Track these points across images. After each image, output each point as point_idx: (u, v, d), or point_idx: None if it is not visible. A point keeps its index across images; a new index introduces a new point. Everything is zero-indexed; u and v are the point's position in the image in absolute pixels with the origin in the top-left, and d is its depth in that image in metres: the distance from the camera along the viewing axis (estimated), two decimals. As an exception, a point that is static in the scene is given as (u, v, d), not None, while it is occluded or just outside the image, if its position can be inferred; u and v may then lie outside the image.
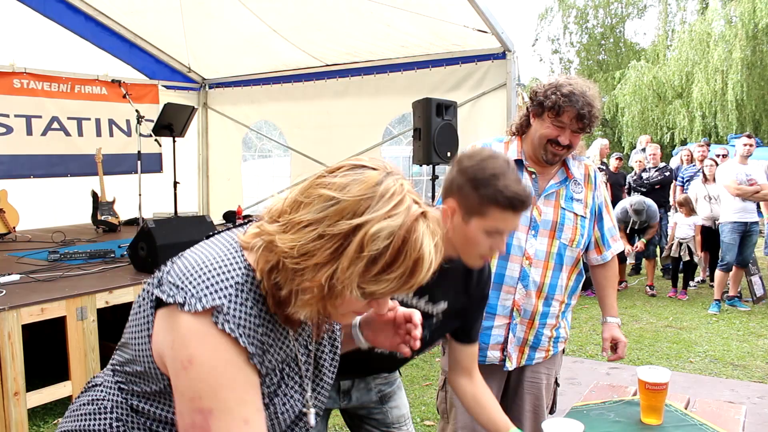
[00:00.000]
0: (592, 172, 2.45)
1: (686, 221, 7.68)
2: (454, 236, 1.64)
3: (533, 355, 2.38)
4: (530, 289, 2.29)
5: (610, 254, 2.50)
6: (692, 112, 16.80)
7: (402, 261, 0.99)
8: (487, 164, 1.60)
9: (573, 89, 2.18)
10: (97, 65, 7.27)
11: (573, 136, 2.23)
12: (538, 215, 2.30)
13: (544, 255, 2.30)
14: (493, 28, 5.98)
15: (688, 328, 6.18)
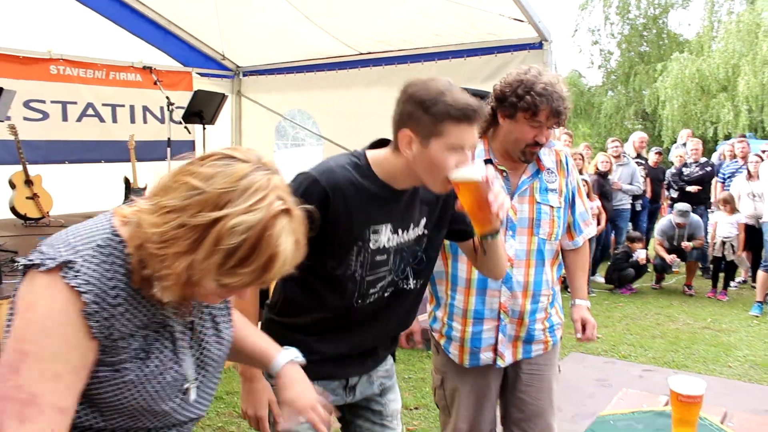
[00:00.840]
0: (563, 157, 2.37)
1: (728, 219, 7.42)
2: (417, 166, 1.64)
3: (530, 348, 2.36)
4: (515, 290, 2.25)
5: (581, 239, 2.47)
6: (738, 106, 16.27)
7: (256, 256, 1.02)
8: (431, 85, 1.59)
9: (545, 86, 2.08)
10: (132, 52, 7.31)
11: (548, 131, 2.16)
12: (514, 214, 2.23)
13: (524, 254, 2.25)
14: (530, 17, 5.82)
15: (728, 330, 5.96)
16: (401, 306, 1.85)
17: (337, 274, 1.71)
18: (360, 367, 1.89)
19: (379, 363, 1.96)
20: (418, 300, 1.93)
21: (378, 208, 1.70)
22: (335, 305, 1.75)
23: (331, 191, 1.63)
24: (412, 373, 4.53)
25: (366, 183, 1.68)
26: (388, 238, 1.73)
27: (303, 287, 1.79)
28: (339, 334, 1.80)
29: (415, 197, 1.78)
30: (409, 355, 4.88)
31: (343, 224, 1.66)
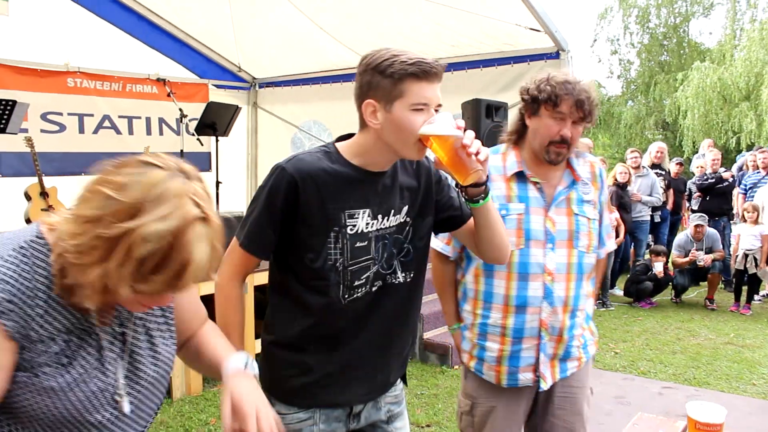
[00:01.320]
0: (597, 170, 2.28)
1: (752, 231, 7.26)
2: (385, 133, 1.59)
3: (565, 367, 2.24)
4: (556, 306, 2.13)
5: (604, 252, 2.36)
6: (761, 116, 15.99)
7: (169, 264, 1.02)
8: (383, 51, 1.57)
9: (566, 78, 2.05)
10: (149, 64, 7.36)
11: (574, 128, 2.05)
12: (552, 226, 2.12)
13: (564, 267, 2.14)
14: (546, 26, 5.77)
15: (752, 346, 5.80)
16: (393, 302, 1.76)
17: (316, 267, 1.64)
18: (365, 390, 1.79)
19: (387, 387, 1.85)
20: (413, 297, 1.83)
21: (352, 192, 1.64)
22: (321, 307, 1.67)
23: (300, 179, 1.59)
24: (425, 389, 4.45)
25: (336, 167, 1.64)
26: (367, 223, 1.67)
27: (286, 295, 1.73)
28: (331, 344, 1.71)
29: (395, 182, 1.72)
30: (423, 370, 4.80)
31: (317, 211, 1.61)
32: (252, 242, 1.67)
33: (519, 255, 2.10)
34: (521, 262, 2.11)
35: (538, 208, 2.13)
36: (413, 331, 1.93)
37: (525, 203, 2.12)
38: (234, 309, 1.73)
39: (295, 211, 1.61)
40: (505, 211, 2.10)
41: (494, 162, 2.16)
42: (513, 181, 2.15)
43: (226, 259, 1.72)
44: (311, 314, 1.69)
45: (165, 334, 1.30)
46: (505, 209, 2.11)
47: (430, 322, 5.13)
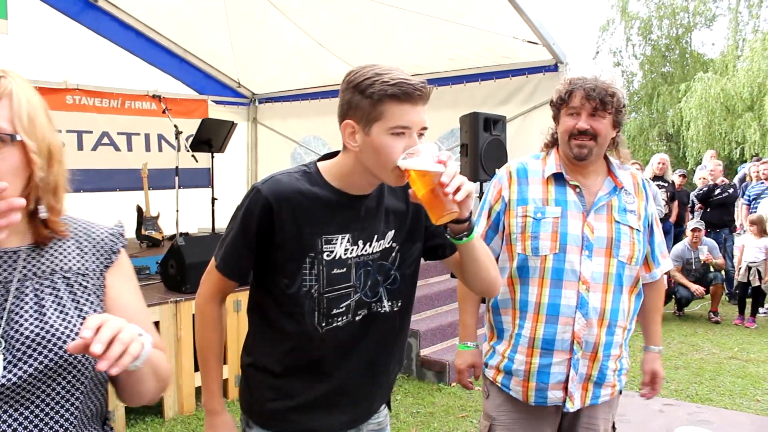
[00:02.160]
0: (641, 181, 2.22)
1: (756, 243, 7.18)
2: (364, 157, 1.51)
3: (598, 393, 2.12)
4: (591, 318, 2.04)
5: (659, 272, 2.25)
6: (764, 126, 15.96)
7: None
8: (366, 69, 1.48)
9: (579, 76, 2.07)
10: (148, 81, 7.36)
11: (591, 119, 2.03)
12: (591, 233, 2.05)
13: (601, 277, 2.05)
14: (544, 39, 5.75)
15: (756, 360, 5.71)
16: (380, 332, 1.68)
17: (290, 293, 1.58)
18: (346, 418, 1.72)
19: (370, 415, 1.79)
20: (401, 327, 1.75)
21: (331, 216, 1.58)
22: (297, 333, 1.61)
23: (275, 202, 1.53)
24: (421, 407, 4.38)
25: (315, 189, 1.57)
26: (346, 249, 1.59)
27: (264, 318, 1.68)
28: (313, 372, 1.65)
29: (379, 206, 1.64)
30: (419, 388, 4.74)
31: (292, 235, 1.55)
32: (227, 265, 1.63)
33: (553, 260, 2.04)
34: (555, 268, 2.04)
35: (577, 213, 2.07)
36: (400, 360, 1.85)
37: (563, 206, 2.07)
38: (211, 329, 1.69)
39: (270, 235, 1.56)
40: (540, 214, 2.07)
41: (533, 166, 2.16)
42: (551, 184, 2.11)
43: (205, 280, 1.69)
44: (288, 340, 1.64)
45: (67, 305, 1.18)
46: (541, 212, 2.07)
47: (427, 338, 5.07)
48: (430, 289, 5.67)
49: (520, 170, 2.16)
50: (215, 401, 1.70)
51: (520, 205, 2.11)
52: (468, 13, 5.76)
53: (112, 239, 1.30)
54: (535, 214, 2.07)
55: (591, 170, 2.13)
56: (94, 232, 1.29)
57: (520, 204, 2.12)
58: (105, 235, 1.29)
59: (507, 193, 2.15)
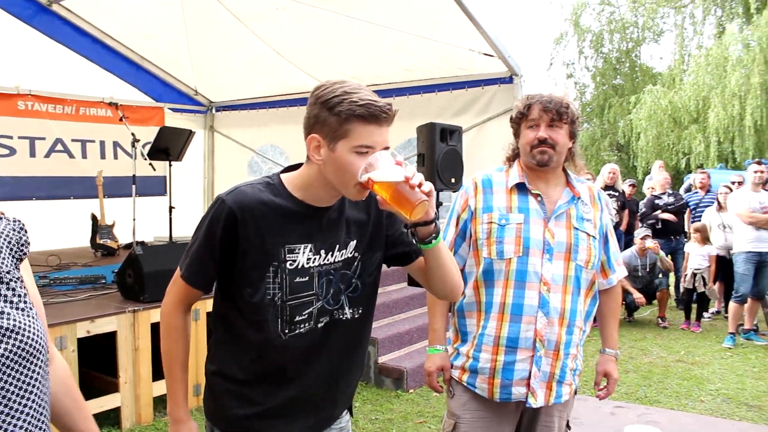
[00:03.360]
0: (596, 193, 2.38)
1: (700, 251, 7.46)
2: (327, 171, 1.57)
3: (560, 392, 2.24)
4: (552, 317, 2.16)
5: (615, 278, 2.41)
6: (708, 138, 16.51)
7: None
8: (337, 86, 1.53)
9: (534, 93, 2.24)
10: (104, 88, 7.28)
11: (550, 129, 2.19)
12: (551, 238, 2.19)
13: (561, 279, 2.19)
14: (500, 51, 5.89)
15: (701, 363, 5.95)
16: (341, 339, 1.74)
17: (254, 302, 1.62)
18: (309, 423, 1.76)
19: (332, 421, 1.84)
20: (361, 333, 1.81)
21: (293, 226, 1.63)
22: (260, 341, 1.65)
23: (239, 212, 1.57)
24: (380, 414, 4.43)
25: (278, 200, 1.62)
26: (309, 258, 1.65)
27: (226, 326, 1.72)
28: (276, 379, 1.69)
29: (341, 217, 1.70)
30: (378, 395, 4.79)
31: (256, 244, 1.59)
32: (192, 275, 1.66)
33: (517, 262, 2.17)
34: (519, 270, 2.17)
35: (538, 219, 2.21)
36: (361, 367, 1.91)
37: (525, 214, 2.21)
38: (176, 338, 1.71)
39: (234, 245, 1.60)
40: (505, 220, 2.21)
41: (497, 177, 2.31)
42: (514, 193, 2.25)
43: (170, 289, 1.72)
44: (252, 348, 1.67)
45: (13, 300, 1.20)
46: (505, 219, 2.21)
47: (385, 346, 5.13)
48: (388, 297, 5.73)
49: (485, 181, 2.31)
50: (181, 409, 1.73)
51: (486, 213, 2.25)
52: (426, 25, 5.87)
53: (19, 233, 1.29)
54: (500, 221, 2.21)
55: (551, 180, 2.27)
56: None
57: (485, 212, 2.26)
58: (9, 230, 1.27)
59: (473, 202, 2.29)
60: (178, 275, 1.69)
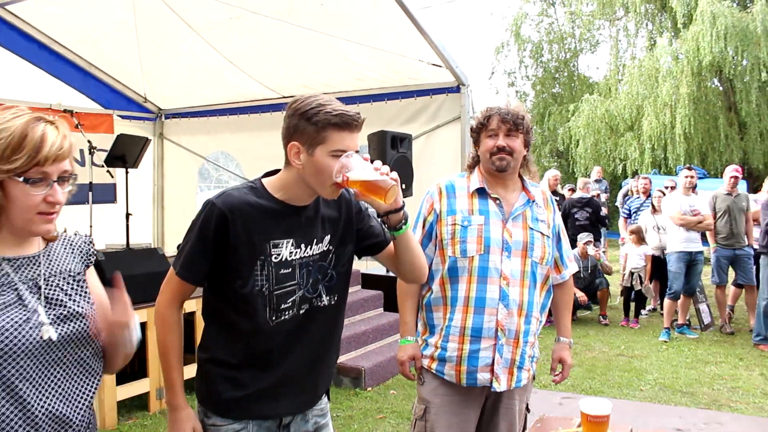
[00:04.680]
0: (549, 197, 2.64)
1: (637, 251, 7.88)
2: (306, 174, 1.79)
3: (520, 376, 2.46)
4: (511, 308, 2.39)
5: (567, 273, 2.65)
6: (643, 145, 17.22)
7: (27, 143, 1.34)
8: (312, 100, 1.76)
9: (494, 105, 2.47)
10: (51, 94, 7.16)
11: (507, 138, 2.42)
12: (509, 237, 2.42)
13: (519, 274, 2.41)
14: (447, 62, 6.12)
15: (640, 356, 6.31)
16: (319, 324, 1.92)
17: (245, 293, 1.80)
18: (294, 404, 1.93)
19: (314, 402, 2.01)
20: (337, 318, 2.00)
21: (276, 224, 1.82)
22: (249, 329, 1.82)
23: (229, 212, 1.76)
24: (340, 411, 4.58)
25: (262, 201, 1.82)
26: (291, 252, 1.84)
27: (217, 317, 1.88)
28: (263, 362, 1.86)
29: (317, 214, 1.90)
30: (337, 393, 4.93)
31: (244, 242, 1.78)
32: (187, 271, 1.83)
33: (479, 260, 2.39)
34: (481, 266, 2.39)
35: (497, 220, 2.43)
36: (337, 351, 2.09)
37: (485, 215, 2.44)
38: (172, 332, 1.87)
39: (225, 242, 1.77)
40: (467, 222, 2.42)
41: (459, 183, 2.54)
42: (475, 197, 2.48)
43: (165, 288, 1.88)
44: (242, 336, 1.85)
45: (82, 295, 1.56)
46: (467, 220, 2.43)
47: (342, 346, 5.23)
48: (343, 300, 5.86)
49: (448, 186, 2.54)
50: (178, 397, 1.87)
51: (450, 215, 2.48)
52: (376, 36, 6.04)
53: (88, 245, 1.65)
54: (463, 222, 2.44)
55: (509, 185, 2.52)
56: (72, 240, 1.62)
57: (449, 214, 2.48)
58: (81, 243, 1.64)
59: (438, 206, 2.52)
60: (172, 274, 1.86)
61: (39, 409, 1.40)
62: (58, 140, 1.39)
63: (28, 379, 1.39)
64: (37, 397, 1.40)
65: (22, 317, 1.41)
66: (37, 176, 1.37)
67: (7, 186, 1.35)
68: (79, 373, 1.51)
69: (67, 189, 1.45)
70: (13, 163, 1.33)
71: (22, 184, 1.35)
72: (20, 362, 1.38)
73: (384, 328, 5.86)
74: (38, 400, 1.40)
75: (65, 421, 1.46)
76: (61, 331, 1.46)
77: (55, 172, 1.40)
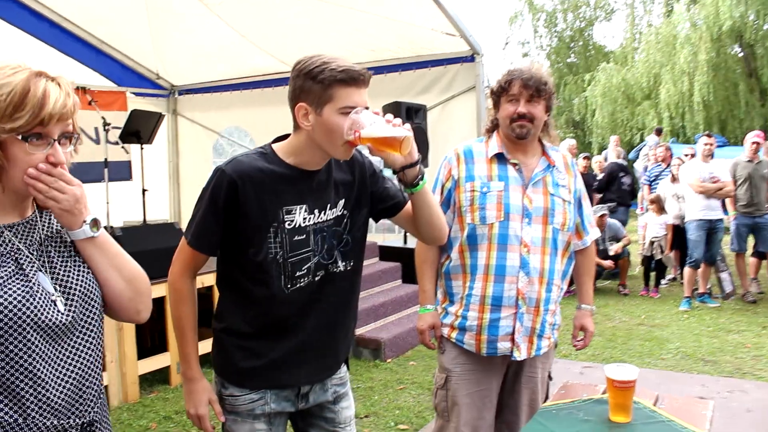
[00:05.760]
0: (569, 160, 2.56)
1: (657, 220, 7.79)
2: (316, 134, 1.73)
3: (540, 345, 2.42)
4: (532, 276, 2.34)
5: (589, 239, 2.60)
6: (660, 113, 17.00)
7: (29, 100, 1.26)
8: (315, 58, 1.70)
9: (515, 67, 2.39)
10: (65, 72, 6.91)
11: (529, 105, 2.34)
12: (529, 203, 2.37)
13: (540, 241, 2.36)
14: (461, 31, 6.01)
15: (660, 325, 6.26)
16: (336, 290, 1.88)
17: (258, 261, 1.76)
18: (312, 372, 1.90)
19: (334, 370, 1.97)
20: (353, 284, 1.96)
21: (288, 190, 1.77)
22: (265, 297, 1.79)
23: (239, 179, 1.72)
24: (361, 383, 4.59)
25: (273, 167, 1.77)
26: (304, 218, 1.79)
27: (231, 287, 1.85)
28: (280, 330, 1.82)
29: (329, 179, 1.85)
30: (357, 365, 4.94)
31: (256, 208, 1.73)
32: (198, 240, 1.79)
33: (499, 227, 2.34)
34: (500, 234, 2.34)
35: (517, 186, 2.37)
36: (355, 317, 2.05)
37: (505, 182, 2.37)
38: (185, 303, 1.84)
39: (236, 209, 1.73)
40: (486, 188, 2.36)
41: (478, 148, 2.47)
42: (494, 162, 2.41)
43: (177, 258, 1.84)
44: (257, 304, 1.81)
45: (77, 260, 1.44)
46: (486, 187, 2.37)
47: (361, 318, 5.27)
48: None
49: (466, 152, 2.47)
50: (193, 369, 1.85)
51: (468, 182, 2.41)
52: (388, 5, 5.94)
53: None
54: (482, 189, 2.38)
55: (528, 150, 2.44)
56: None
57: (468, 180, 2.41)
58: None
59: (456, 171, 2.45)
60: (183, 243, 1.82)
61: (53, 385, 1.33)
62: (62, 97, 1.32)
63: (39, 354, 1.31)
64: (49, 372, 1.33)
65: (26, 288, 1.32)
66: (38, 134, 1.29)
67: (7, 145, 1.27)
68: (86, 344, 1.42)
69: (70, 149, 1.37)
70: (16, 121, 1.25)
71: (22, 142, 1.27)
72: (28, 336, 1.29)
73: (402, 299, 5.85)
74: (51, 375, 1.33)
75: (79, 394, 1.39)
76: (67, 302, 1.38)
77: (56, 131, 1.32)
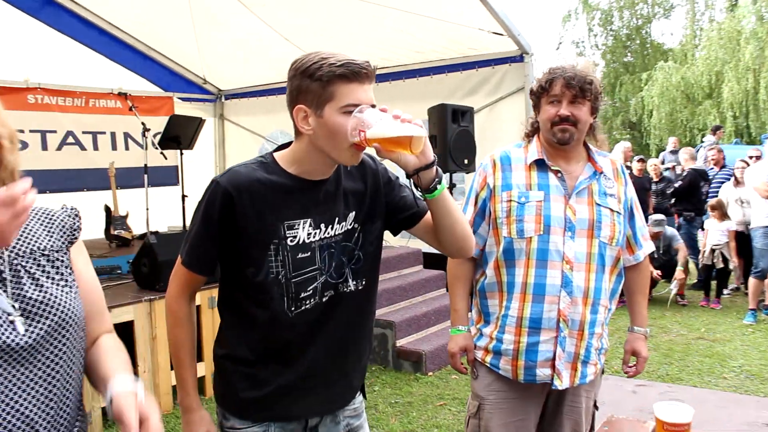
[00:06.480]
0: (620, 167, 2.30)
1: (719, 227, 7.36)
2: (318, 138, 1.55)
3: (586, 372, 2.19)
4: (575, 296, 2.11)
5: (642, 254, 2.34)
6: (723, 113, 16.36)
7: None
8: (312, 55, 1.54)
9: (558, 65, 2.15)
10: (112, 79, 7.25)
11: (572, 106, 2.12)
12: (573, 215, 2.13)
13: (584, 257, 2.12)
14: (510, 30, 5.81)
15: (722, 340, 5.88)
16: (347, 311, 1.71)
17: (259, 281, 1.60)
18: (322, 403, 1.74)
19: (346, 400, 1.80)
20: (366, 304, 1.78)
21: (290, 202, 1.61)
22: (267, 320, 1.63)
23: (234, 191, 1.56)
24: (399, 397, 4.42)
25: (273, 177, 1.61)
26: (309, 233, 1.63)
27: (232, 309, 1.70)
28: (284, 357, 1.67)
29: (338, 189, 1.68)
30: (396, 378, 4.77)
31: (254, 223, 1.58)
32: (193, 259, 1.65)
33: (538, 241, 2.11)
34: (540, 249, 2.11)
35: (559, 196, 2.15)
36: (369, 340, 1.87)
37: (545, 191, 2.15)
38: (182, 326, 1.71)
39: (232, 225, 1.58)
40: (524, 198, 2.15)
41: (516, 154, 2.25)
42: (533, 170, 2.19)
43: (173, 279, 1.71)
44: (259, 328, 1.66)
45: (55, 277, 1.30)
46: (524, 196, 2.15)
47: (402, 329, 5.11)
48: (403, 281, 5.70)
49: (503, 158, 2.25)
50: (191, 398, 1.72)
51: (505, 191, 2.19)
52: (434, 5, 5.79)
53: (72, 219, 1.40)
54: (519, 199, 2.15)
55: (572, 156, 2.21)
56: (53, 214, 1.39)
57: (504, 189, 2.20)
58: (64, 216, 1.40)
59: (492, 180, 2.23)
60: (179, 263, 1.69)
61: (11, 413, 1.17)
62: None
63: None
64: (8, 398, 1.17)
65: None
66: None
67: None
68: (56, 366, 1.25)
69: None
70: None
71: None
72: None
73: (446, 309, 5.66)
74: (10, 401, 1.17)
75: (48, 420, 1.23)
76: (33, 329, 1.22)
77: None
